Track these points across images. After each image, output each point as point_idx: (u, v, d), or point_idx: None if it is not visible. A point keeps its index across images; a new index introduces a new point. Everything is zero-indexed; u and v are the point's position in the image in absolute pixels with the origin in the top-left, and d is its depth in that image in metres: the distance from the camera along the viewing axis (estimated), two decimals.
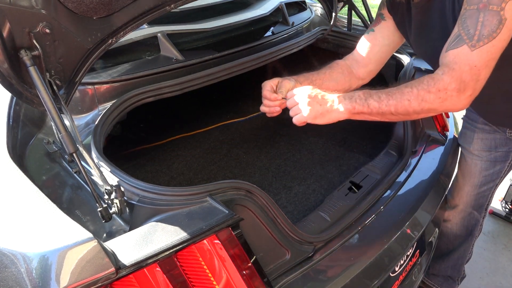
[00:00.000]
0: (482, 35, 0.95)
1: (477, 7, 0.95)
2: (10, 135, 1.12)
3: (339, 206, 1.23)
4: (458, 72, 0.98)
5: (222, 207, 0.89)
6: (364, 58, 1.37)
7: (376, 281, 1.13)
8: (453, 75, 0.98)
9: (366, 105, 1.05)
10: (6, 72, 0.84)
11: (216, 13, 1.73)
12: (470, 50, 0.97)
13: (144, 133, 2.18)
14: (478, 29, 0.95)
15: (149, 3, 1.05)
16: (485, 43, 0.95)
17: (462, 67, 0.98)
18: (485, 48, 0.96)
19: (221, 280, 0.84)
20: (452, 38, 1.01)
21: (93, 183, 0.91)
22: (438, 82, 1.00)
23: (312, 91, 1.07)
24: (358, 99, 1.05)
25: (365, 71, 1.38)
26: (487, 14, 0.94)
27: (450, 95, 0.99)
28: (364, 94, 1.06)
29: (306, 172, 1.76)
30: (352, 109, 1.05)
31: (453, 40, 1.00)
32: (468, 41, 0.97)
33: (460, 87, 0.98)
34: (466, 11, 0.98)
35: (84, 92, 1.27)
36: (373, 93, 1.06)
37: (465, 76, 0.97)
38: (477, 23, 0.95)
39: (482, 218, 1.69)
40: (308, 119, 1.06)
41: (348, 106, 1.05)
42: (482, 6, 0.94)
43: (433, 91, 1.00)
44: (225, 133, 2.17)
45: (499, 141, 1.44)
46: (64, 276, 0.70)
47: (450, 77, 0.98)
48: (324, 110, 1.06)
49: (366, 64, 1.37)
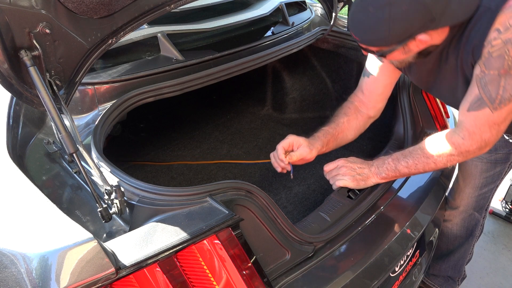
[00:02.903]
0: (504, 99, 1.01)
1: (498, 73, 0.99)
2: (10, 135, 1.12)
3: (339, 206, 1.23)
4: (478, 135, 1.07)
5: (222, 207, 0.89)
6: (371, 101, 1.42)
7: (376, 281, 1.13)
8: (474, 138, 1.07)
9: (398, 172, 1.22)
10: (6, 72, 0.84)
11: (216, 13, 1.73)
12: (491, 112, 1.03)
13: (144, 133, 2.18)
14: (500, 94, 1.01)
15: (149, 3, 1.05)
16: (506, 105, 1.01)
17: (483, 128, 1.06)
18: (505, 108, 1.02)
19: (221, 280, 0.84)
20: (474, 100, 1.05)
21: (93, 183, 0.91)
22: (460, 147, 1.10)
23: (348, 164, 1.28)
24: (389, 167, 1.23)
25: (375, 110, 1.44)
26: (508, 79, 0.98)
27: (473, 153, 1.10)
28: (393, 161, 1.23)
29: (306, 172, 1.76)
30: (386, 176, 1.25)
31: (475, 102, 1.05)
32: (490, 105, 1.02)
33: (481, 146, 1.08)
34: (486, 75, 1.01)
35: (84, 92, 1.27)
36: (400, 159, 1.21)
37: (486, 135, 1.06)
38: (499, 87, 1.00)
39: (482, 218, 1.69)
40: (352, 186, 1.27)
41: (382, 174, 1.25)
42: (504, 72, 0.98)
43: (456, 154, 1.12)
44: (225, 133, 2.17)
45: (499, 143, 1.44)
46: (64, 276, 0.70)
47: (471, 141, 1.08)
48: (362, 179, 1.27)
49: (374, 105, 1.43)
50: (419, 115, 1.59)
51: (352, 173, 1.26)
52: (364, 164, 1.28)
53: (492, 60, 0.99)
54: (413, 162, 1.18)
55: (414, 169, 1.19)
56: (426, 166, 1.17)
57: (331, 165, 1.31)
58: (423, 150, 1.17)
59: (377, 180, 1.26)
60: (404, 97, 1.56)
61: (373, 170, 1.26)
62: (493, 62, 0.99)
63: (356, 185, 1.26)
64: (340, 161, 1.30)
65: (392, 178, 1.26)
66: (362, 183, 1.26)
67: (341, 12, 2.05)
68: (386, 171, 1.23)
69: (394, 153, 1.24)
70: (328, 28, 1.88)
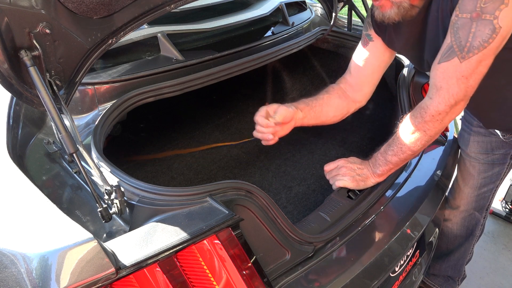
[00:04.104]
0: (473, 47, 0.94)
1: (470, 16, 0.94)
2: (10, 135, 1.12)
3: (339, 206, 1.23)
4: (445, 89, 1.00)
5: (222, 207, 0.89)
6: (358, 83, 1.39)
7: (376, 281, 1.13)
8: (441, 94, 1.01)
9: (390, 164, 1.20)
10: (6, 72, 0.84)
11: (216, 13, 1.73)
12: (459, 62, 0.96)
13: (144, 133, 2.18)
14: (469, 41, 0.94)
15: (149, 3, 1.05)
16: (475, 53, 0.95)
17: (450, 81, 0.99)
18: (474, 58, 0.95)
19: (221, 280, 0.84)
20: (445, 50, 1.00)
21: (93, 183, 0.91)
22: (428, 109, 1.04)
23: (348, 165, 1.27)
24: (380, 162, 1.22)
25: (361, 94, 1.41)
26: (480, 24, 0.92)
27: (445, 113, 1.03)
28: (381, 155, 1.22)
29: (306, 172, 1.76)
30: (382, 172, 1.23)
31: (446, 52, 1.00)
32: (459, 53, 0.96)
33: (450, 103, 1.01)
34: (459, 19, 0.96)
35: (84, 92, 1.27)
36: (387, 150, 1.19)
37: (453, 89, 0.99)
38: (469, 34, 0.94)
39: (483, 218, 1.69)
40: (352, 187, 1.26)
41: (377, 172, 1.23)
42: (475, 15, 0.92)
43: (428, 119, 1.05)
44: (225, 133, 2.17)
45: (495, 144, 1.43)
46: (64, 277, 0.70)
47: (438, 98, 1.01)
48: (362, 180, 1.26)
49: (360, 88, 1.39)
50: None
51: (352, 174, 1.26)
52: (363, 164, 1.28)
53: (465, 1, 0.93)
54: (398, 147, 1.15)
55: (402, 154, 1.15)
56: (410, 146, 1.12)
57: (331, 165, 1.31)
58: (401, 130, 1.14)
59: (375, 180, 1.26)
60: (404, 97, 1.56)
61: (370, 170, 1.26)
62: (466, 3, 0.93)
63: (355, 186, 1.26)
64: (340, 161, 1.30)
65: (388, 172, 1.24)
66: (361, 183, 1.26)
67: (341, 12, 2.05)
68: (380, 167, 1.22)
69: (382, 147, 1.23)
70: (328, 28, 1.88)
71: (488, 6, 0.91)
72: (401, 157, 1.17)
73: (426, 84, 1.64)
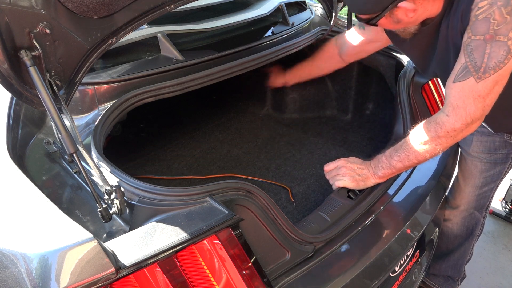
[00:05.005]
0: (488, 67, 0.95)
1: (483, 38, 0.94)
2: (10, 135, 1.12)
3: (339, 206, 1.23)
4: (462, 108, 1.01)
5: (222, 207, 0.89)
6: (355, 47, 1.55)
7: (376, 281, 1.13)
8: (459, 113, 1.01)
9: (393, 168, 1.21)
10: (6, 72, 0.84)
11: (216, 13, 1.73)
12: (475, 82, 0.97)
13: (144, 133, 2.18)
14: (484, 62, 0.95)
15: (149, 3, 1.05)
16: (491, 74, 0.96)
17: (467, 101, 1.00)
18: (490, 78, 0.96)
19: (221, 280, 0.84)
20: (460, 69, 1.01)
21: (93, 183, 0.91)
22: (444, 125, 1.04)
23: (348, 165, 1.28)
24: (384, 165, 1.22)
25: (352, 58, 1.59)
26: (494, 45, 0.93)
27: (460, 130, 1.04)
28: (386, 158, 1.22)
29: (306, 172, 1.76)
30: (384, 175, 1.23)
31: (461, 72, 1.00)
32: (475, 74, 0.97)
33: (467, 122, 1.02)
34: (472, 41, 0.97)
35: (84, 92, 1.27)
36: (392, 154, 1.20)
37: (470, 108, 1.00)
38: (484, 55, 0.95)
39: (483, 217, 1.69)
40: (351, 187, 1.27)
41: (379, 174, 1.24)
42: (489, 37, 0.93)
43: (442, 135, 1.06)
44: (225, 133, 2.17)
45: (498, 143, 1.43)
46: (64, 277, 0.70)
47: (455, 116, 1.02)
48: (362, 180, 1.26)
49: (355, 53, 1.56)
50: (419, 115, 1.59)
51: (352, 174, 1.27)
52: (363, 164, 1.28)
53: (478, 24, 0.94)
54: (405, 154, 1.16)
55: (408, 162, 1.17)
56: (418, 156, 1.14)
57: (331, 165, 1.32)
58: (411, 139, 1.14)
59: (376, 180, 1.26)
60: (404, 97, 1.56)
61: (371, 170, 1.26)
62: (479, 26, 0.94)
63: (355, 186, 1.27)
64: (340, 161, 1.30)
65: (389, 175, 1.25)
66: (361, 183, 1.26)
67: (341, 12, 2.05)
68: (382, 170, 1.23)
69: (387, 150, 1.24)
70: (328, 28, 1.88)
71: (502, 28, 0.93)
72: (406, 164, 1.18)
73: (426, 84, 1.64)
